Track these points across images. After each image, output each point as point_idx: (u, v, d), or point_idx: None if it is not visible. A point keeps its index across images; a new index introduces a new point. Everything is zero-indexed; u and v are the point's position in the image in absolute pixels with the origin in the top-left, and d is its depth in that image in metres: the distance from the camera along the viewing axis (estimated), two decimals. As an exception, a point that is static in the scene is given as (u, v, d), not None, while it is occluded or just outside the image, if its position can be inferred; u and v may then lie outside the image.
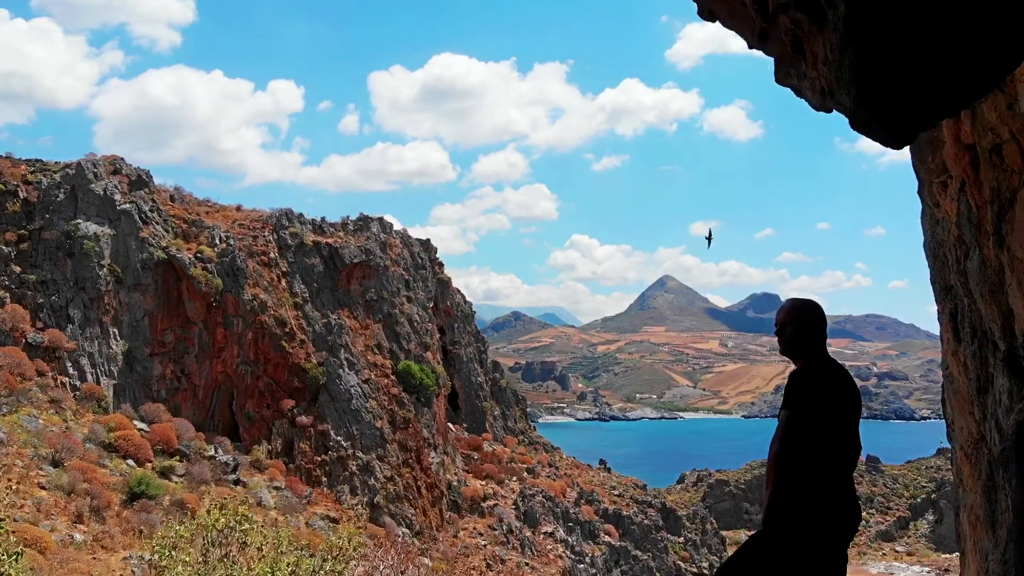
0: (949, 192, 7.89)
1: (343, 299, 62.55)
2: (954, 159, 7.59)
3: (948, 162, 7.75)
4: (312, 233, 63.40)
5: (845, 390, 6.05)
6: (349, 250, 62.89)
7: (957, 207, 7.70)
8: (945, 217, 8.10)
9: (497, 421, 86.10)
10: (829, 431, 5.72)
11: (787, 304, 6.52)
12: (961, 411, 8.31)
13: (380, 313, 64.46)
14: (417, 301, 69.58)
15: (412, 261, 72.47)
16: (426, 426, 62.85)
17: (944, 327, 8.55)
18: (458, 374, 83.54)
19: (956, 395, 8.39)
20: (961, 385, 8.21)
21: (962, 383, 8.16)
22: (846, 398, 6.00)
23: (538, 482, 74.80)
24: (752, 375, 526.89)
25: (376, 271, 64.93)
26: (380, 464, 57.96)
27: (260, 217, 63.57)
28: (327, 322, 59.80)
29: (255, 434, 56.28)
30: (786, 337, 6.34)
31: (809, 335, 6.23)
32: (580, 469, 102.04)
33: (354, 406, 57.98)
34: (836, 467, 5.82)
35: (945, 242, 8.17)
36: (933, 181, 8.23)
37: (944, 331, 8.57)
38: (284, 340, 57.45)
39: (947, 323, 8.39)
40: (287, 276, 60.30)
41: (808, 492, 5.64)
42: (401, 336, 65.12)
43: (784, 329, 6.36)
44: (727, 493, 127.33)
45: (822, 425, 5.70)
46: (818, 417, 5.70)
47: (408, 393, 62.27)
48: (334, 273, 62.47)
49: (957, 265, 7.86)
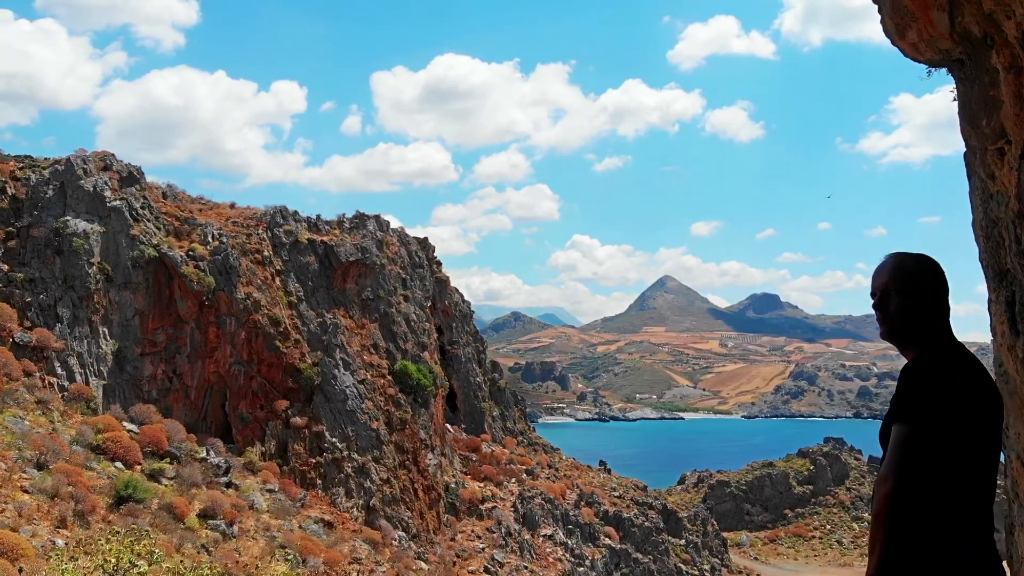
0: (1007, 160, 6.76)
1: (338, 298, 61.44)
2: (1015, 120, 6.46)
3: (1007, 124, 6.62)
4: (307, 231, 62.27)
5: (981, 389, 4.28)
6: (345, 248, 61.75)
7: (1017, 177, 6.57)
8: (1001, 190, 6.97)
9: (496, 422, 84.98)
10: (965, 453, 4.03)
11: (890, 262, 4.63)
12: (1018, 415, 7.17)
13: (376, 312, 63.33)
14: (414, 300, 68.46)
15: (409, 260, 71.34)
16: (423, 427, 61.74)
17: (998, 318, 7.40)
18: (456, 374, 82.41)
19: (1012, 396, 7.24)
20: (1018, 385, 7.07)
21: (1020, 383, 7.03)
22: (984, 400, 4.24)
23: (537, 484, 73.69)
24: (752, 375, 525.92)
25: (372, 270, 63.80)
26: (376, 466, 56.83)
27: (254, 215, 62.44)
28: (322, 321, 58.68)
29: (248, 436, 55.15)
30: (891, 311, 4.58)
31: (928, 307, 4.48)
32: (580, 470, 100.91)
33: (349, 407, 56.86)
34: (973, 505, 4.03)
35: (1001, 220, 7.03)
36: (988, 148, 7.09)
37: (997, 323, 7.42)
38: (278, 340, 56.33)
39: (1002, 313, 7.24)
40: (281, 275, 59.18)
41: (937, 546, 3.92)
42: (398, 336, 63.99)
43: (887, 299, 4.58)
44: (728, 494, 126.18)
45: (955, 445, 4.01)
46: (950, 433, 4.02)
47: (405, 394, 61.16)
48: (329, 272, 61.34)
49: (1016, 246, 6.73)
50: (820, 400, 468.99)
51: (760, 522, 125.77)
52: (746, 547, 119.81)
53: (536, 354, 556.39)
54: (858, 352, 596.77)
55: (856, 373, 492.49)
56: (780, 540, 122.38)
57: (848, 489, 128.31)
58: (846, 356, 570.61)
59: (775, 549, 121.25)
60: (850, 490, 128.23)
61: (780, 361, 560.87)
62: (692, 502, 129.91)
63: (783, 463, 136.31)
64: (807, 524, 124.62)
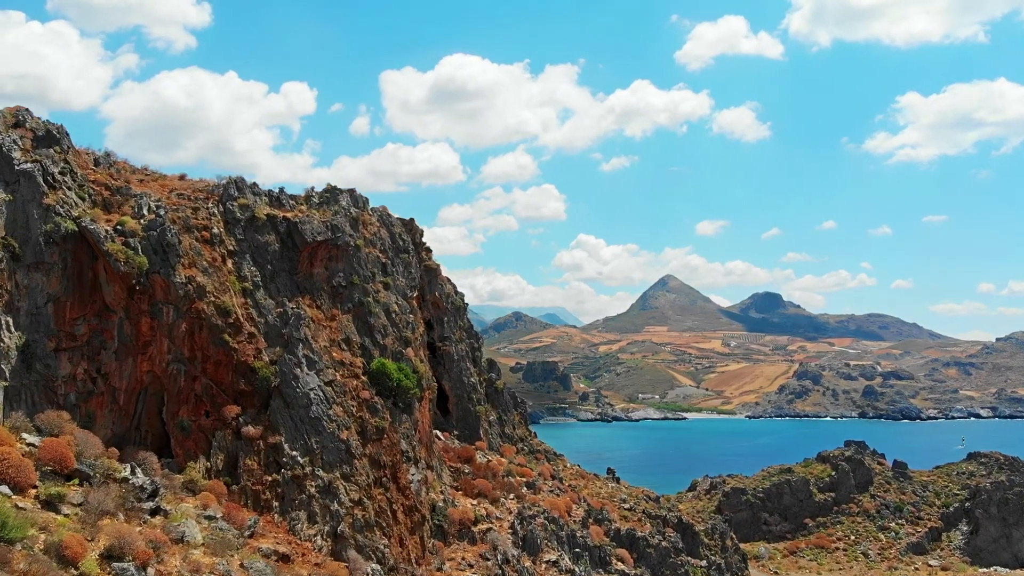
0: None
1: (304, 284, 51.31)
2: None
3: None
4: (267, 206, 52.14)
5: None
6: (311, 226, 51.58)
7: None
8: None
9: (493, 427, 74.84)
10: None
11: None
12: None
13: (350, 302, 53.19)
14: (396, 289, 58.37)
15: (392, 243, 61.25)
16: (405, 436, 51.61)
17: None
18: (448, 374, 72.35)
19: None
20: None
21: None
22: None
23: (539, 499, 63.55)
24: (755, 375, 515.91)
25: (345, 252, 53.67)
26: (346, 484, 46.68)
27: (205, 187, 52.31)
28: (282, 312, 48.57)
29: (190, 449, 45.04)
30: None
31: None
32: (586, 479, 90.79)
33: (314, 413, 46.74)
34: None
35: None
36: None
37: None
38: (227, 333, 46.20)
39: None
40: (234, 256, 49.06)
41: None
42: (375, 329, 53.85)
43: None
44: (744, 502, 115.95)
45: None
46: None
47: (383, 397, 51.04)
48: (293, 253, 51.21)
49: None
50: (825, 400, 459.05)
51: (779, 532, 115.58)
52: (764, 560, 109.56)
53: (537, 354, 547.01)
54: (862, 351, 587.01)
55: (861, 372, 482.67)
56: (801, 552, 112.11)
57: (873, 496, 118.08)
58: (850, 355, 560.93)
59: (796, 562, 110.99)
60: (875, 497, 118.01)
61: (783, 360, 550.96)
62: (706, 511, 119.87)
63: (801, 468, 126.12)
64: (829, 534, 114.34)
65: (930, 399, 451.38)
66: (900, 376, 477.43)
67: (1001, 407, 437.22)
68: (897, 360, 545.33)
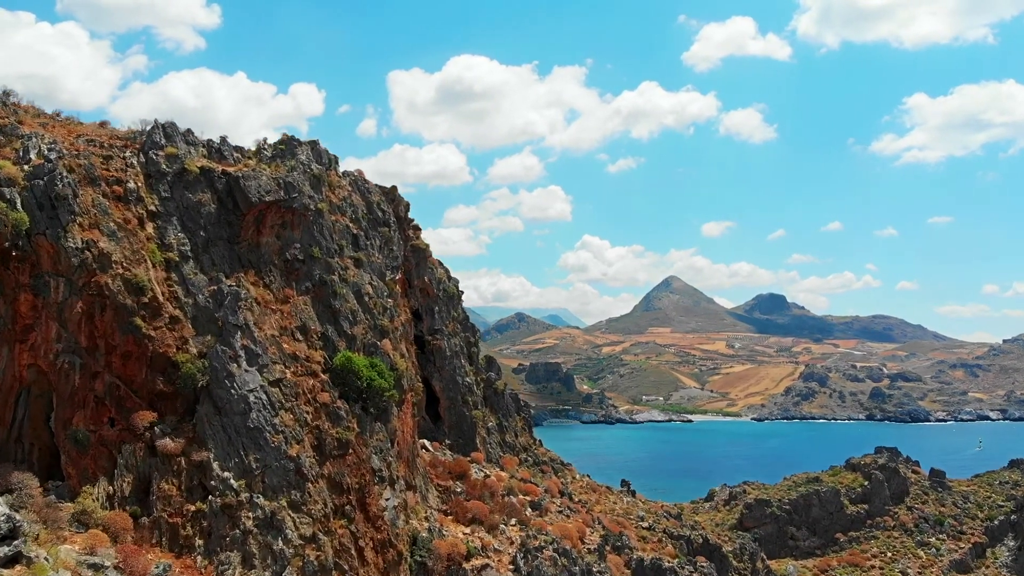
0: None
1: (248, 256, 39.74)
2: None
3: None
4: (203, 158, 40.55)
5: None
6: (259, 182, 39.95)
7: None
8: None
9: (491, 435, 63.23)
10: None
11: None
12: None
13: (308, 280, 41.58)
14: (371, 267, 46.78)
15: (367, 212, 49.67)
16: (377, 450, 40.00)
17: None
18: (439, 373, 60.76)
19: None
20: None
21: None
22: None
23: (547, 523, 51.87)
24: (760, 376, 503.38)
25: (303, 217, 42.08)
26: (294, 516, 35.08)
27: (127, 135, 40.76)
28: (217, 290, 37.03)
29: (87, 468, 33.47)
30: None
31: None
32: (598, 493, 79.08)
33: (254, 422, 35.18)
34: None
35: None
36: None
37: None
38: (141, 316, 34.66)
39: None
40: (156, 218, 37.52)
41: None
42: (341, 315, 42.25)
43: None
44: (768, 515, 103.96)
45: None
46: None
47: (349, 401, 39.44)
48: (234, 217, 39.62)
49: None
50: (831, 402, 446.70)
51: (807, 548, 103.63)
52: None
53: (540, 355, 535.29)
54: (867, 353, 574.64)
55: (868, 374, 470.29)
56: (832, 570, 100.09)
57: (910, 508, 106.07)
58: (855, 357, 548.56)
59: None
60: (912, 510, 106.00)
61: (788, 362, 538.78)
62: (725, 523, 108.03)
63: (829, 477, 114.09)
64: (863, 551, 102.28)
65: (938, 401, 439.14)
66: (907, 378, 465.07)
67: (1011, 409, 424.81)
68: (903, 362, 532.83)
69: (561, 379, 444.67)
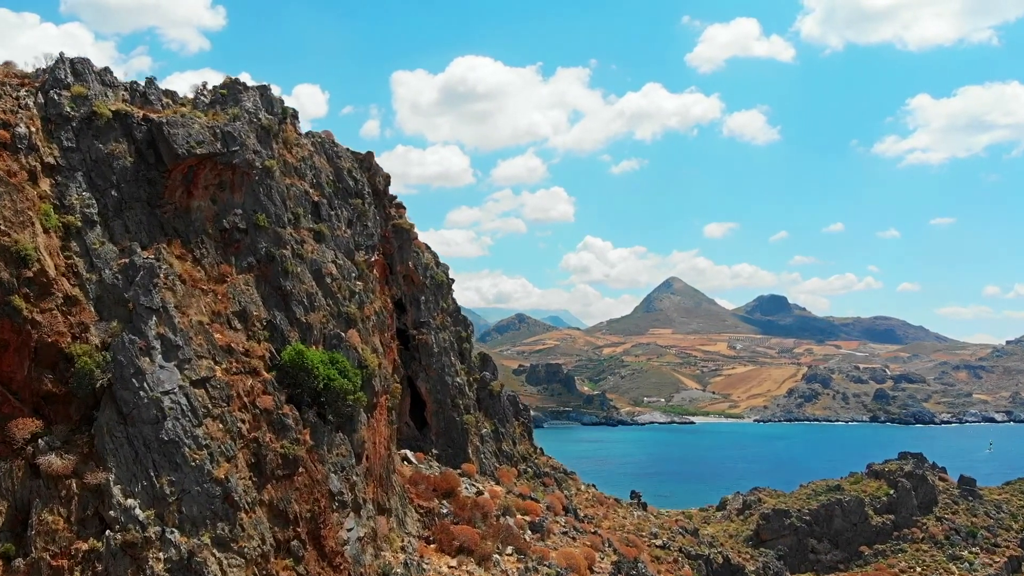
0: None
1: (173, 223, 31.24)
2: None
3: None
4: (120, 101, 32.09)
5: None
6: (189, 131, 31.46)
7: None
8: None
9: (486, 444, 54.73)
10: None
11: None
12: None
13: (251, 254, 33.04)
14: (336, 242, 38.28)
15: (335, 179, 41.18)
16: (337, 468, 31.49)
17: None
18: (425, 372, 52.28)
19: None
20: None
21: None
22: None
23: (549, 549, 43.37)
24: (763, 378, 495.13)
25: (246, 177, 33.57)
26: (221, 556, 26.56)
27: (31, 74, 32.33)
28: (129, 264, 28.57)
29: (-56, 496, 25.02)
30: None
31: None
32: (606, 506, 70.55)
33: (170, 434, 26.70)
34: None
35: None
36: None
37: None
38: (24, 295, 26.22)
39: None
40: (56, 173, 29.07)
41: None
42: (294, 299, 33.73)
43: None
44: (787, 526, 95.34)
45: None
46: None
47: (301, 406, 30.95)
48: (156, 174, 31.11)
49: None
50: (835, 404, 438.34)
51: (830, 562, 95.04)
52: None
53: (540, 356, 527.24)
54: (868, 354, 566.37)
55: (871, 375, 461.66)
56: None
57: (939, 519, 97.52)
58: (857, 358, 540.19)
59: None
60: (942, 520, 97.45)
61: (790, 363, 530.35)
62: (740, 535, 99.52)
63: (851, 485, 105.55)
64: (891, 565, 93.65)
65: (943, 403, 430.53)
66: (911, 379, 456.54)
67: (1017, 411, 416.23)
68: (905, 363, 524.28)
69: (562, 380, 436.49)
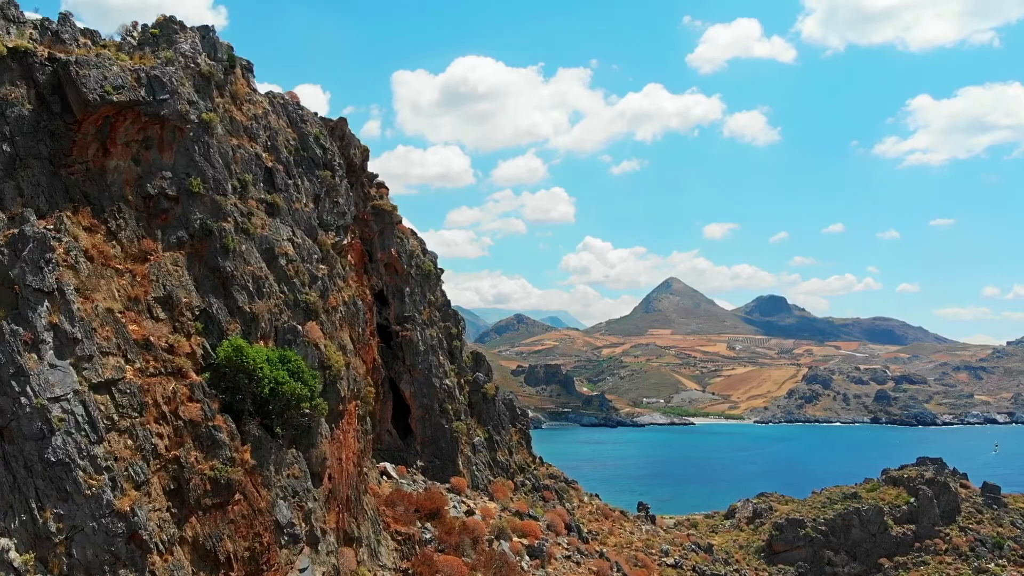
0: None
1: (82, 187, 24.87)
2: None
3: None
4: (25, 40, 25.74)
5: None
6: (105, 74, 25.12)
7: None
8: None
9: (478, 454, 48.29)
10: None
11: None
12: None
13: (183, 227, 26.63)
14: (295, 217, 31.87)
15: (297, 147, 34.79)
16: (287, 493, 25.08)
17: None
18: (409, 374, 45.87)
19: None
20: None
21: None
22: None
23: (550, 578, 36.98)
24: (763, 379, 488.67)
25: (180, 133, 27.17)
26: (123, 614, 20.19)
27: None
28: (16, 235, 22.19)
29: None
30: None
31: None
32: (611, 520, 64.12)
33: (58, 453, 20.31)
34: None
35: None
36: None
37: None
38: None
39: None
40: (-75, 122, 22.73)
41: None
42: (236, 283, 27.29)
43: None
44: (802, 537, 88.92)
45: None
46: None
47: (241, 416, 24.54)
48: (62, 126, 24.76)
49: None
50: (836, 405, 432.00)
51: (847, 575, 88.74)
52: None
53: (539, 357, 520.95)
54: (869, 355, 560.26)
55: (872, 376, 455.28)
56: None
57: (963, 530, 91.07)
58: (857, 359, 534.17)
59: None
60: (965, 531, 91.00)
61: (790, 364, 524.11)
62: (751, 545, 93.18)
63: (867, 492, 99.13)
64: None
65: (944, 404, 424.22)
66: (912, 380, 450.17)
67: (1018, 412, 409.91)
68: (905, 364, 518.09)
69: (561, 381, 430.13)
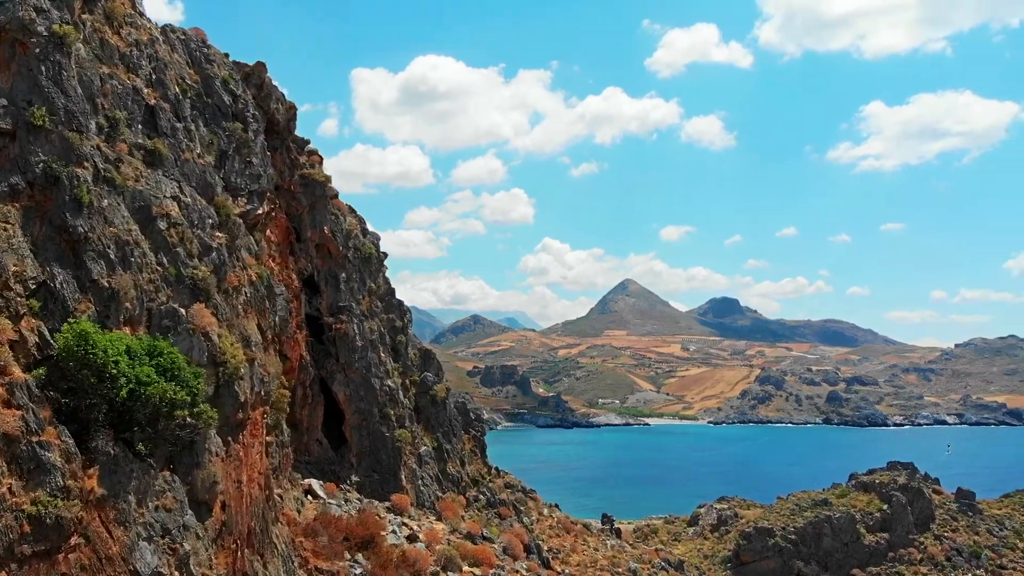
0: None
1: None
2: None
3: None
4: None
5: None
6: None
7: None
8: None
9: (425, 466, 41.51)
10: None
11: None
12: None
13: (20, 172, 19.51)
14: (185, 170, 24.83)
15: (199, 90, 27.79)
16: (154, 531, 18.18)
17: None
18: (344, 373, 38.95)
19: None
20: None
21: None
22: None
23: (508, 620, 30.37)
24: (716, 379, 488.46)
25: (22, 49, 20.11)
26: None
27: None
28: None
29: None
30: None
31: None
32: (573, 535, 57.69)
33: None
34: None
35: None
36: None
37: None
38: None
39: None
40: None
41: None
42: (91, 249, 20.20)
43: None
44: (771, 547, 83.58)
45: None
46: None
47: (88, 427, 17.60)
48: None
49: None
50: (788, 405, 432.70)
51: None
52: (804, 627, 77.64)
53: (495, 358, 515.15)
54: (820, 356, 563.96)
55: (824, 378, 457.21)
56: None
57: (938, 538, 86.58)
58: (809, 360, 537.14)
59: (846, 630, 79.29)
60: (941, 539, 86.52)
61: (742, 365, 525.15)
62: (717, 556, 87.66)
63: (837, 498, 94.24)
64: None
65: (895, 405, 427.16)
66: (863, 382, 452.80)
67: (967, 414, 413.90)
68: (856, 366, 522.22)
69: (517, 382, 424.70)
